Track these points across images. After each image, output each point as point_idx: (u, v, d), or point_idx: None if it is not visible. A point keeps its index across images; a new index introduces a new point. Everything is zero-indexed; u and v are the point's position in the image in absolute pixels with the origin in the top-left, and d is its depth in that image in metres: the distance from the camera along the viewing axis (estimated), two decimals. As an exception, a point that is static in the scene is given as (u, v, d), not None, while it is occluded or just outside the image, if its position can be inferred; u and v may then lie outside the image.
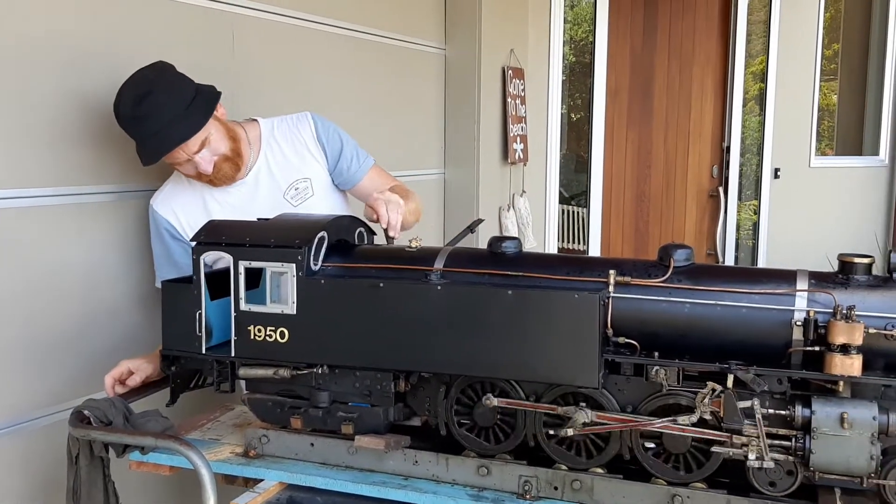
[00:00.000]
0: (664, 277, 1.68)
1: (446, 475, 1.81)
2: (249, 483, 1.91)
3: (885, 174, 6.90)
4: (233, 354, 1.88)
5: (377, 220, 2.17)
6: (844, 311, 1.50)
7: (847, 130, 7.47)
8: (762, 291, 1.62)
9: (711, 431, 1.60)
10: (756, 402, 1.54)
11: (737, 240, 6.25)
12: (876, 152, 6.99)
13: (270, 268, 1.84)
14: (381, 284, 1.77)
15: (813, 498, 1.58)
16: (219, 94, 2.21)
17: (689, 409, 1.62)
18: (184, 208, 2.30)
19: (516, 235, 4.33)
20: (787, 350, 1.58)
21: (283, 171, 2.35)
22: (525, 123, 4.56)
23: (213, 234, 1.91)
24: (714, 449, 1.61)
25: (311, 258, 1.84)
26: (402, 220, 2.17)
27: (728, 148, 5.99)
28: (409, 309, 1.74)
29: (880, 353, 1.53)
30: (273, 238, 1.86)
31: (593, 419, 1.66)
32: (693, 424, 1.61)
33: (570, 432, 1.70)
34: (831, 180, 6.69)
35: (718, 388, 1.56)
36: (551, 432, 1.74)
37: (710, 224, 6.04)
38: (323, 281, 1.82)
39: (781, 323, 1.59)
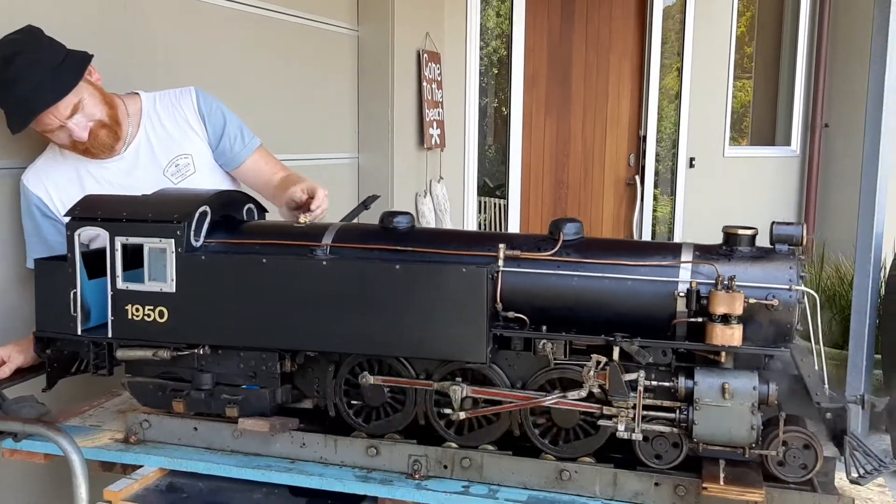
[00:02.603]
0: (553, 251, 1.66)
1: (335, 457, 1.76)
2: (128, 470, 1.82)
3: (796, 164, 7.12)
4: (110, 335, 1.79)
5: (305, 202, 2.12)
6: (725, 282, 1.50)
7: (760, 122, 7.67)
8: (648, 264, 1.61)
9: (586, 404, 1.58)
10: (641, 374, 1.53)
11: (653, 227, 6.35)
12: (788, 143, 7.20)
13: (148, 244, 1.75)
14: (265, 260, 1.70)
15: (698, 470, 1.58)
16: (90, 56, 2.10)
17: (579, 384, 1.60)
18: (57, 185, 2.19)
19: (433, 222, 4.30)
20: (671, 322, 1.58)
21: (164, 146, 2.26)
22: (442, 108, 4.52)
23: (89, 210, 1.81)
24: (601, 423, 1.60)
25: (192, 234, 1.76)
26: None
27: (644, 137, 6.08)
28: (293, 286, 1.68)
29: (761, 323, 1.54)
30: (151, 213, 1.77)
31: (468, 394, 1.63)
32: (584, 399, 1.59)
33: (462, 415, 1.66)
34: (745, 169, 6.86)
35: (603, 360, 1.54)
36: (443, 411, 1.70)
37: (628, 212, 6.12)
38: (204, 257, 1.74)
39: (666, 295, 1.58)
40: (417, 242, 1.73)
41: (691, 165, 6.48)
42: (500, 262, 1.64)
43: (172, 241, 1.73)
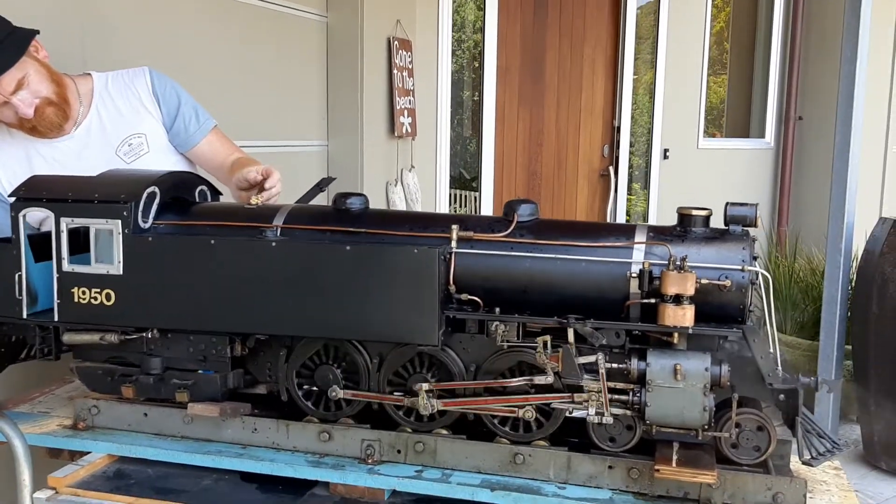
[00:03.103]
0: (507, 232, 1.63)
1: (287, 442, 1.73)
2: (76, 457, 1.78)
3: (770, 156, 7.15)
4: (56, 319, 1.74)
5: (259, 183, 2.09)
6: (677, 262, 1.48)
7: (735, 114, 7.70)
8: (602, 245, 1.59)
9: (556, 395, 1.57)
10: (601, 356, 1.51)
11: (627, 219, 6.35)
12: (762, 135, 7.22)
13: (95, 225, 1.71)
14: (213, 241, 1.66)
15: (652, 453, 1.57)
16: (35, 32, 2.05)
17: (533, 367, 1.58)
18: (4, 165, 2.14)
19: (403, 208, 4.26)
20: (625, 303, 1.56)
21: (116, 125, 2.21)
22: (413, 97, 4.49)
23: (34, 190, 1.76)
24: (554, 405, 1.58)
25: (140, 215, 1.72)
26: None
27: (618, 128, 6.07)
28: (243, 268, 1.65)
29: (714, 304, 1.52)
30: (98, 193, 1.73)
31: (439, 408, 1.61)
32: (552, 389, 1.57)
33: (427, 410, 1.63)
34: (719, 161, 6.88)
35: (548, 339, 1.52)
36: (396, 394, 1.68)
37: (601, 203, 6.11)
38: (151, 239, 1.70)
39: (619, 276, 1.56)
40: (370, 224, 1.70)
41: (665, 157, 6.49)
42: (454, 244, 1.62)
43: (119, 222, 1.69)
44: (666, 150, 6.48)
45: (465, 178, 6.76)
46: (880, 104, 6.55)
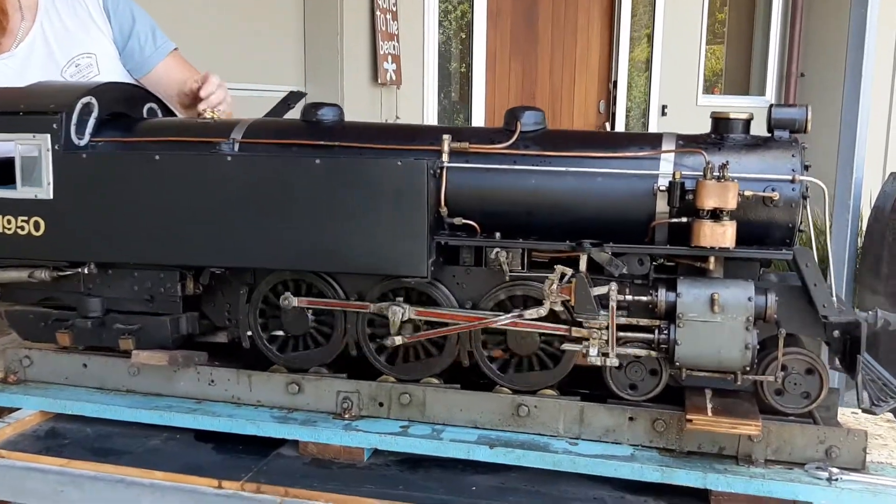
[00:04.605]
0: (508, 143, 1.37)
1: (249, 396, 1.47)
2: (4, 413, 1.53)
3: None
4: (-25, 253, 1.48)
5: (194, 92, 1.82)
6: (716, 171, 1.23)
7: (734, 71, 7.44)
8: (622, 155, 1.33)
9: (549, 325, 1.31)
10: (613, 286, 1.26)
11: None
12: (762, 92, 6.97)
13: (20, 141, 1.44)
14: (158, 157, 1.40)
15: (679, 402, 1.32)
16: None
17: (540, 303, 1.33)
18: None
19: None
20: (650, 225, 1.30)
21: (63, 44, 1.94)
22: (398, 42, 4.20)
23: (-51, 103, 1.49)
24: (564, 346, 1.33)
25: (73, 129, 1.45)
26: (224, 107, 1.82)
27: (615, 83, 5.80)
28: (194, 188, 1.38)
29: (757, 224, 1.27)
30: (24, 104, 1.46)
31: (411, 316, 1.36)
32: (547, 319, 1.32)
33: (398, 340, 1.38)
34: (718, 119, 6.60)
35: (569, 271, 1.27)
36: (380, 339, 1.43)
37: (598, 161, 5.84)
38: (86, 156, 1.44)
39: (643, 192, 1.30)
40: (346, 137, 1.44)
41: (663, 114, 6.22)
42: (445, 157, 1.36)
43: (48, 136, 1.42)
44: (664, 107, 6.21)
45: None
46: (886, 62, 6.29)
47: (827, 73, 6.29)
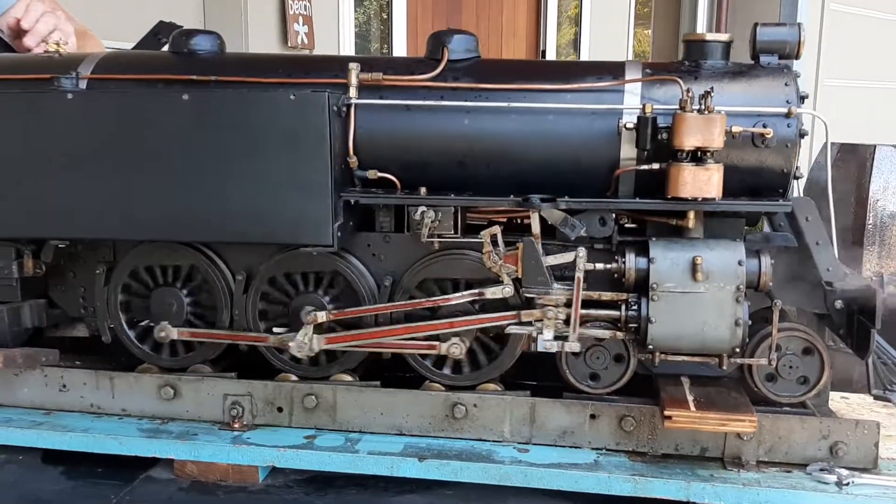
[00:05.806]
0: (434, 74, 1.08)
1: (112, 404, 1.16)
2: None
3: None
4: None
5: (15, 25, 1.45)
6: (696, 103, 0.97)
7: (663, 51, 7.30)
8: (576, 86, 1.06)
9: (490, 317, 1.04)
10: (581, 251, 1.00)
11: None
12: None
13: None
14: (-25, 96, 1.06)
15: (650, 393, 1.07)
16: None
17: (486, 284, 1.06)
18: None
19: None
20: (613, 173, 1.04)
21: None
22: (310, 2, 3.85)
23: None
24: (509, 330, 1.06)
25: None
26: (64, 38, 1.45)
27: (544, 52, 5.55)
28: (27, 136, 1.06)
29: (745, 169, 1.02)
30: None
31: (321, 347, 1.07)
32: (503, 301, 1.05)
33: (307, 349, 1.09)
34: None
35: (497, 231, 1.00)
36: (276, 330, 1.13)
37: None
38: None
39: (604, 132, 1.04)
40: (225, 70, 1.12)
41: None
42: (353, 91, 1.06)
43: None
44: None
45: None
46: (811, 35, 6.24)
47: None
